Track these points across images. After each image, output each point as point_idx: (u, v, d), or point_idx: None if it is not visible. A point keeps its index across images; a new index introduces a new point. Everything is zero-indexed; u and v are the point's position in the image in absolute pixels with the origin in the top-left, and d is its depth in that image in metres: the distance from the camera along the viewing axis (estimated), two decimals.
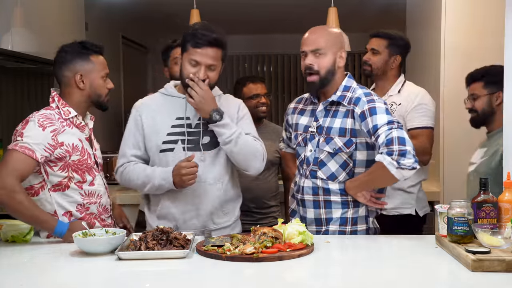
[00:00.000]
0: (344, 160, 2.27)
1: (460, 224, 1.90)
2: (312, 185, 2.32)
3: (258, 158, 2.29)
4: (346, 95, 2.28)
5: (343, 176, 2.28)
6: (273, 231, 1.99)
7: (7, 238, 2.21)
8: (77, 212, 2.27)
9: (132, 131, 2.35)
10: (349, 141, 2.25)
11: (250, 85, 3.16)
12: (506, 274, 1.68)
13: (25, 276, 1.78)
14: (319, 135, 2.30)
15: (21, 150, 2.12)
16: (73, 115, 2.26)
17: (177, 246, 1.97)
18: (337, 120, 2.27)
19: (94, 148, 2.37)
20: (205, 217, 2.32)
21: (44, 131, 2.16)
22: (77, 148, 2.24)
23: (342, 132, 2.25)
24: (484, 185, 1.98)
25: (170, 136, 2.30)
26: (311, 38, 2.29)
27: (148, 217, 2.40)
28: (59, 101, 2.27)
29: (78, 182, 2.25)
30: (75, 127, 2.28)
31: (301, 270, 1.83)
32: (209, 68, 2.25)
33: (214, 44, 2.22)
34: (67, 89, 2.29)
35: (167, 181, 2.23)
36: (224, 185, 2.34)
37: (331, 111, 2.30)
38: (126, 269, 1.83)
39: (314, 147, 2.31)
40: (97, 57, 2.30)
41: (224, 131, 2.23)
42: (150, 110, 2.34)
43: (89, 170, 2.28)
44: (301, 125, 2.39)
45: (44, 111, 2.25)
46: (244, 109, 2.41)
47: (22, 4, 3.20)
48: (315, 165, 2.31)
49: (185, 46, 2.26)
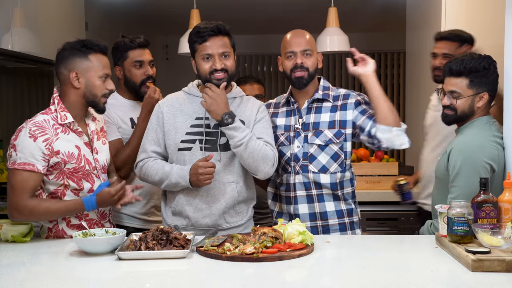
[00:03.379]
0: (335, 152, 2.37)
1: (460, 224, 1.90)
2: (304, 180, 2.38)
3: (267, 163, 2.29)
4: (329, 93, 2.45)
5: (335, 167, 2.37)
6: (273, 231, 1.99)
7: (7, 238, 2.20)
8: (76, 219, 2.26)
9: (154, 127, 2.37)
10: (339, 132, 2.37)
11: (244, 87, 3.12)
12: (506, 274, 1.68)
13: (25, 276, 1.78)
14: (306, 131, 2.39)
15: (21, 167, 2.12)
16: (70, 121, 2.21)
17: (177, 246, 1.97)
18: (323, 115, 2.40)
19: (96, 151, 2.31)
20: (218, 216, 2.33)
21: (35, 141, 2.13)
22: (73, 156, 2.20)
23: (331, 124, 2.38)
24: (484, 185, 1.98)
25: (188, 135, 2.32)
26: (300, 40, 2.41)
27: (163, 211, 2.43)
28: (58, 104, 2.21)
29: (75, 189, 2.23)
30: (72, 132, 2.23)
31: (301, 270, 1.83)
32: (223, 56, 2.28)
33: (218, 32, 2.27)
34: (64, 87, 2.24)
35: (184, 179, 2.25)
36: (239, 186, 2.35)
37: (313, 108, 2.43)
38: (126, 269, 1.83)
39: (302, 143, 2.39)
40: (97, 56, 2.22)
41: (235, 134, 2.24)
42: (172, 108, 2.37)
43: (86, 177, 2.25)
44: (280, 125, 2.46)
45: (39, 117, 2.20)
46: (264, 111, 2.42)
47: (22, 4, 3.20)
48: (305, 160, 2.38)
49: (194, 47, 2.30)
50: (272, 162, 2.31)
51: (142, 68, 2.69)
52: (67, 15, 3.90)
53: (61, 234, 2.26)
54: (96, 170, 2.29)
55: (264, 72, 7.51)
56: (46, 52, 3.33)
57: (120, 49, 2.72)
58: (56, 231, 2.26)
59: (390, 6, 5.37)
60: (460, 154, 2.22)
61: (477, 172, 2.16)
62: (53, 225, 2.26)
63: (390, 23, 5.95)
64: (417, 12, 4.21)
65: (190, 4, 4.13)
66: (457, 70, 2.26)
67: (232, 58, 2.33)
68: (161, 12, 5.43)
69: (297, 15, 5.69)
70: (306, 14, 5.51)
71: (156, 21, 5.96)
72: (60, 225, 2.26)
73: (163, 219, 2.43)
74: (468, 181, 2.16)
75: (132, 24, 5.78)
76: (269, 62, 7.50)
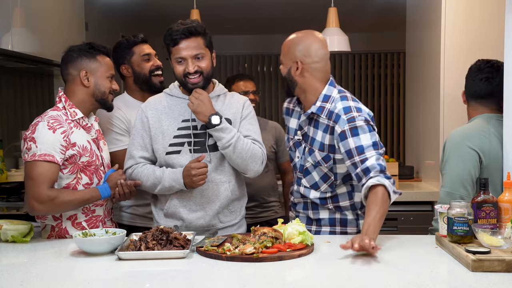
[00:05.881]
0: (324, 173, 2.27)
1: (460, 224, 1.90)
2: (299, 190, 2.36)
3: (256, 161, 2.29)
4: (325, 107, 2.23)
5: (325, 187, 2.29)
6: (273, 231, 1.99)
7: (7, 238, 2.21)
8: (83, 215, 2.28)
9: (139, 132, 2.34)
10: (327, 157, 2.23)
11: (239, 83, 3.20)
12: (506, 274, 1.68)
13: (25, 276, 1.78)
14: (305, 143, 2.32)
15: (41, 158, 2.14)
16: (80, 117, 2.28)
17: (177, 246, 1.98)
18: (318, 132, 2.25)
19: (101, 149, 2.37)
20: (212, 216, 2.33)
21: (54, 133, 2.17)
22: (87, 150, 2.26)
23: (321, 146, 2.24)
24: (484, 185, 1.98)
25: (176, 138, 2.30)
26: None
27: (155, 213, 2.40)
28: (66, 102, 2.28)
29: (86, 184, 2.27)
30: (82, 128, 2.29)
31: (301, 270, 1.83)
32: (196, 58, 2.25)
33: (190, 34, 2.23)
34: (72, 86, 2.30)
35: (178, 182, 2.24)
36: (231, 185, 2.34)
37: (313, 120, 2.29)
38: (126, 269, 1.83)
39: (301, 154, 2.34)
40: (103, 58, 2.33)
41: (223, 136, 2.23)
42: (157, 111, 2.34)
43: (96, 172, 2.30)
44: (292, 128, 2.41)
45: (51, 112, 2.25)
46: (249, 107, 2.40)
47: (22, 4, 3.20)
48: (301, 173, 2.34)
49: (168, 50, 2.29)
50: (261, 161, 2.31)
51: (151, 60, 2.76)
52: (67, 15, 3.89)
53: (63, 234, 2.27)
54: (102, 166, 2.35)
55: (264, 72, 7.51)
56: (46, 52, 3.33)
57: (124, 47, 2.76)
58: (59, 229, 2.27)
59: (390, 6, 5.37)
60: (449, 141, 2.29)
61: (463, 159, 2.20)
62: (57, 223, 2.27)
63: (390, 23, 5.96)
64: (417, 12, 4.20)
65: (190, 4, 4.13)
66: None
67: (208, 58, 2.28)
68: (161, 12, 5.43)
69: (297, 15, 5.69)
70: (306, 14, 5.51)
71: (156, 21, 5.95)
72: (64, 224, 2.27)
73: (155, 221, 2.40)
74: (455, 167, 2.20)
75: (132, 24, 5.78)
76: (269, 62, 7.50)
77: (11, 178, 3.41)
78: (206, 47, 2.27)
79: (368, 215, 2.01)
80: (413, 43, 4.36)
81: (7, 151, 3.48)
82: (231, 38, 6.99)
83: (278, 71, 7.52)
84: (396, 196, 2.10)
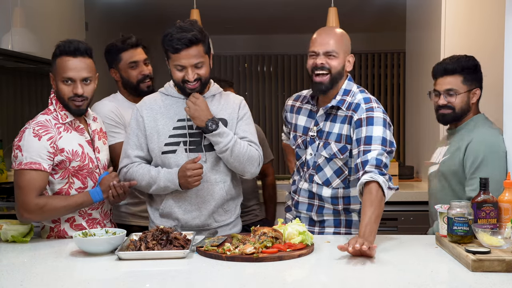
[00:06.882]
0: (339, 167, 2.27)
1: (460, 224, 1.90)
2: (309, 188, 2.34)
3: (253, 164, 2.30)
4: (346, 100, 2.25)
5: (337, 182, 2.28)
6: (273, 231, 1.99)
7: (7, 238, 2.21)
8: (80, 217, 2.27)
9: (134, 131, 2.34)
10: (344, 148, 2.24)
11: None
12: (506, 274, 1.68)
13: (25, 276, 1.78)
14: (319, 139, 2.30)
15: (28, 167, 2.13)
16: (70, 120, 2.25)
17: (177, 246, 1.98)
18: (336, 125, 2.27)
19: (98, 150, 2.34)
20: (207, 216, 2.33)
21: (40, 140, 2.15)
22: (77, 154, 2.23)
23: (338, 138, 2.24)
24: (484, 185, 1.98)
25: (172, 138, 2.29)
26: (324, 40, 2.23)
27: (150, 213, 2.40)
28: (56, 104, 2.25)
29: (79, 188, 2.25)
30: (74, 130, 2.26)
31: (301, 270, 1.83)
32: (196, 66, 2.23)
33: (192, 43, 2.19)
34: None
35: (173, 182, 2.24)
36: (226, 185, 2.34)
37: (331, 115, 2.29)
38: (126, 269, 1.83)
39: (314, 151, 2.32)
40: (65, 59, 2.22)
41: (220, 140, 2.23)
42: (152, 111, 2.33)
43: (90, 175, 2.27)
44: (300, 126, 2.39)
45: (40, 117, 2.23)
46: (245, 107, 2.40)
47: (22, 4, 3.20)
48: (313, 169, 2.32)
49: (167, 53, 2.25)
50: (257, 163, 2.31)
51: (138, 68, 2.70)
52: (67, 15, 3.90)
53: (63, 234, 2.27)
54: (98, 168, 2.31)
55: (264, 72, 7.50)
56: (46, 52, 3.31)
57: (112, 52, 2.73)
58: (58, 231, 2.27)
59: (390, 6, 5.37)
60: (481, 145, 2.25)
61: (502, 160, 2.21)
62: (55, 224, 2.26)
63: (390, 23, 5.96)
64: (417, 12, 4.21)
65: (190, 4, 4.13)
66: (452, 69, 2.35)
67: (207, 65, 2.25)
68: (161, 12, 5.43)
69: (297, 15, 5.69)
70: (306, 14, 5.51)
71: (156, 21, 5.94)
72: (62, 225, 2.26)
73: (151, 221, 2.40)
74: (494, 169, 2.19)
75: (132, 24, 5.77)
76: (269, 62, 7.50)
77: (11, 178, 3.41)
78: (205, 53, 2.25)
79: (364, 217, 2.01)
80: (413, 43, 4.36)
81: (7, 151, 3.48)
82: (231, 38, 6.99)
83: (278, 71, 7.56)
84: (392, 192, 2.09)
